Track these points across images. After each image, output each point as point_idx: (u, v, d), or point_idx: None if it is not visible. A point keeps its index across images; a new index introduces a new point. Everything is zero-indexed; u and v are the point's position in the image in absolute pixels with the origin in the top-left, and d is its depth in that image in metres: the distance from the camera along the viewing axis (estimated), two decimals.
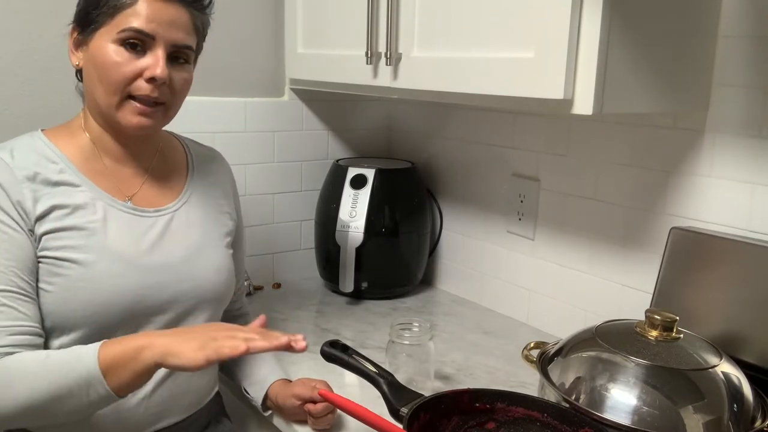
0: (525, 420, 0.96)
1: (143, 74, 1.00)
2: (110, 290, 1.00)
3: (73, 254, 0.98)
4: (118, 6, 0.99)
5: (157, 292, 1.04)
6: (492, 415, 0.98)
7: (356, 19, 1.42)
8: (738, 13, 1.12)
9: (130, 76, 1.00)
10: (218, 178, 1.22)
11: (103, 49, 1.00)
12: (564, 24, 1.00)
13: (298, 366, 1.33)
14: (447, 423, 0.97)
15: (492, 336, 1.51)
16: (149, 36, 1.00)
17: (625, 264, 1.35)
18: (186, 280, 1.07)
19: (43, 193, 0.99)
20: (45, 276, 0.98)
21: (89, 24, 1.01)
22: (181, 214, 1.11)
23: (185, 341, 0.88)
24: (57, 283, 0.98)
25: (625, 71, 1.03)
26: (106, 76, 1.00)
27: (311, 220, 1.80)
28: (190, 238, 1.11)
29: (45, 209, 0.98)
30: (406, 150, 1.89)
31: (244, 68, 1.68)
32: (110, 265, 1.00)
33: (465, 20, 1.18)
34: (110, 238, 1.02)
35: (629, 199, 1.33)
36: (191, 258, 1.09)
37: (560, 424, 0.93)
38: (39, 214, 0.98)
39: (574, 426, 0.92)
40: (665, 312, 0.99)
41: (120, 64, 1.00)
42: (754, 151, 1.13)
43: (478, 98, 1.17)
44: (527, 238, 1.55)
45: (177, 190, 1.14)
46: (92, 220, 1.01)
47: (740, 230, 1.15)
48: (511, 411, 0.97)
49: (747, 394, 0.93)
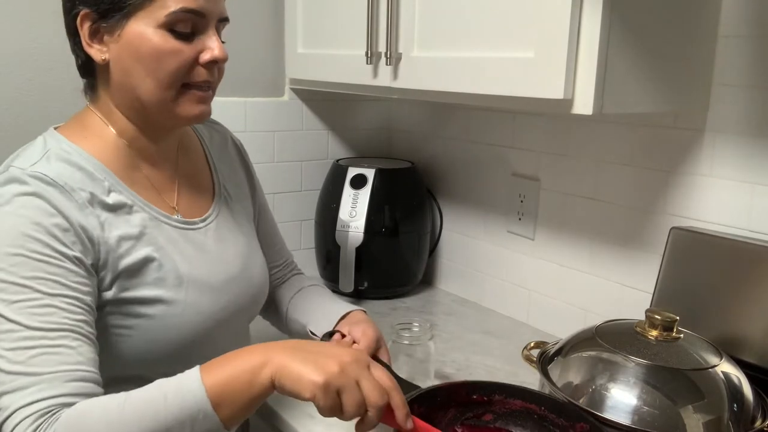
0: (522, 412, 0.96)
1: (200, 58, 0.89)
2: (195, 320, 0.90)
3: (154, 291, 0.88)
4: None
5: (232, 310, 0.98)
6: (489, 407, 0.97)
7: (356, 19, 1.42)
8: (738, 13, 1.12)
9: (188, 64, 0.88)
10: (233, 160, 1.14)
11: (146, 36, 0.86)
12: (564, 24, 1.00)
13: None
14: (443, 415, 0.95)
15: (492, 336, 1.51)
16: (200, 14, 0.87)
17: (625, 264, 1.35)
18: (247, 287, 1.01)
19: (104, 220, 0.86)
20: (120, 320, 0.86)
21: (118, 9, 0.86)
22: (222, 219, 1.02)
23: (305, 359, 0.75)
24: (138, 325, 0.87)
25: (625, 71, 1.03)
26: (159, 68, 0.87)
27: (311, 220, 1.80)
28: (238, 245, 1.03)
29: (114, 242, 0.86)
30: (406, 150, 1.89)
31: (244, 68, 1.68)
32: (188, 294, 0.91)
33: (465, 20, 1.18)
34: (179, 263, 0.91)
35: (629, 199, 1.33)
36: (246, 265, 1.03)
37: (557, 417, 0.93)
38: (110, 248, 0.85)
39: (572, 420, 0.92)
40: (665, 312, 0.99)
41: (175, 51, 0.87)
42: (754, 151, 1.13)
43: (479, 98, 1.17)
44: (527, 238, 1.55)
45: (209, 190, 1.04)
46: (158, 247, 0.90)
47: (740, 230, 1.15)
48: (508, 403, 0.97)
49: (747, 394, 0.93)
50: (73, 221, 0.83)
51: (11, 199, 0.81)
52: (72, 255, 0.81)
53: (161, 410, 0.73)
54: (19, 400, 0.74)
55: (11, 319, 0.77)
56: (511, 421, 0.96)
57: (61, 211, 0.82)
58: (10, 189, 0.82)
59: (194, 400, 0.74)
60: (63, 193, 0.83)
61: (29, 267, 0.78)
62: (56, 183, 0.83)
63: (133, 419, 0.73)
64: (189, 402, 0.74)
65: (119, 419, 0.73)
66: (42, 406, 0.74)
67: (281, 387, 0.75)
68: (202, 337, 0.92)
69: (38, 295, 0.78)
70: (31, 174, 0.83)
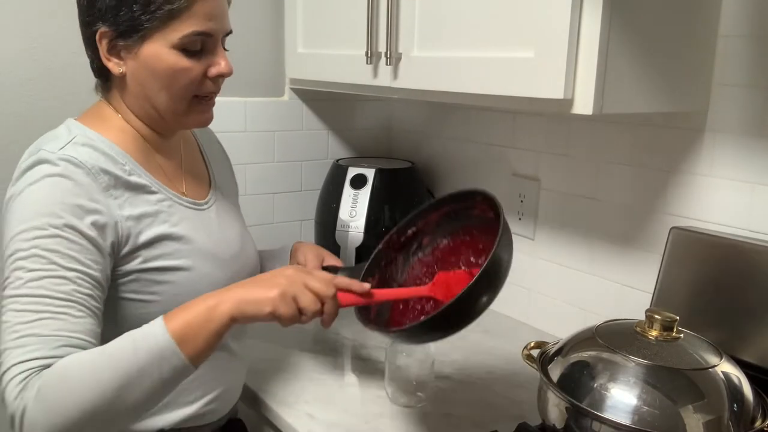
0: (442, 219, 1.06)
1: (209, 73, 0.99)
2: (209, 290, 0.96)
3: (174, 261, 0.97)
4: (174, 10, 0.94)
5: (239, 281, 1.04)
6: (421, 234, 1.07)
7: (356, 19, 1.42)
8: (738, 13, 1.12)
9: (198, 79, 0.99)
10: (221, 153, 1.24)
11: (162, 56, 0.96)
12: (564, 24, 1.00)
13: (300, 365, 1.33)
14: (395, 267, 1.07)
15: (492, 336, 1.51)
16: (209, 35, 0.97)
17: (625, 264, 1.35)
18: (245, 265, 1.11)
19: (125, 200, 0.95)
20: (146, 287, 0.95)
21: (135, 30, 0.94)
22: (219, 203, 1.13)
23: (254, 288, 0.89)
24: (163, 291, 0.96)
25: (625, 71, 1.03)
26: (173, 84, 0.97)
27: (311, 220, 1.80)
28: (236, 226, 1.13)
29: (134, 219, 0.94)
30: (406, 150, 1.89)
31: (244, 68, 1.68)
32: (204, 264, 1.01)
33: (465, 20, 1.18)
34: (193, 238, 1.01)
35: (629, 199, 1.33)
36: (243, 244, 1.13)
37: (464, 205, 1.02)
38: (130, 225, 0.94)
39: (470, 200, 1.01)
40: (665, 312, 0.99)
41: (187, 70, 0.97)
42: (754, 150, 1.13)
43: (478, 98, 1.17)
44: (527, 238, 1.55)
45: (206, 180, 1.14)
46: (174, 224, 0.99)
47: (740, 230, 1.15)
48: (429, 221, 1.06)
49: (747, 393, 0.93)
50: (95, 203, 0.91)
51: (41, 178, 0.89)
52: (89, 234, 0.89)
53: (131, 355, 0.83)
54: (15, 357, 0.82)
55: (28, 285, 0.85)
56: (440, 231, 1.07)
57: (86, 193, 0.90)
58: (42, 169, 0.90)
59: (160, 341, 0.84)
60: (89, 176, 0.91)
61: (50, 241, 0.86)
62: (84, 165, 0.91)
63: (107, 365, 0.82)
64: (154, 344, 0.84)
65: (93, 367, 0.82)
66: (30, 365, 0.82)
67: (242, 315, 0.87)
68: None
69: (54, 267, 0.86)
70: (60, 156, 0.91)
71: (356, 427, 1.11)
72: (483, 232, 1.02)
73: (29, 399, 0.81)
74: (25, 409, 0.81)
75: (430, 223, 1.07)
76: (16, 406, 0.81)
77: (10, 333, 0.84)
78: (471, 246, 1.04)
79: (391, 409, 1.17)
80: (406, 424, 1.12)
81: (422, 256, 1.09)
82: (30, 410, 0.81)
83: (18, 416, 0.81)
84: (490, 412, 1.17)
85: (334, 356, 1.38)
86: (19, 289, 0.85)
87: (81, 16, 0.99)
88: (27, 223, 0.87)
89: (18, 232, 0.87)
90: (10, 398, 0.82)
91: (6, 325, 0.84)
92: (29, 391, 0.81)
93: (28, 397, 0.81)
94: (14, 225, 0.88)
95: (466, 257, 1.04)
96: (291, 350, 1.39)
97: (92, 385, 0.81)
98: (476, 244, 1.04)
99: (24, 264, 0.86)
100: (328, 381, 1.27)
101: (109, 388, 0.81)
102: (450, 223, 1.06)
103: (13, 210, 0.90)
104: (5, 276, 0.87)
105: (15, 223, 0.88)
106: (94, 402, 0.81)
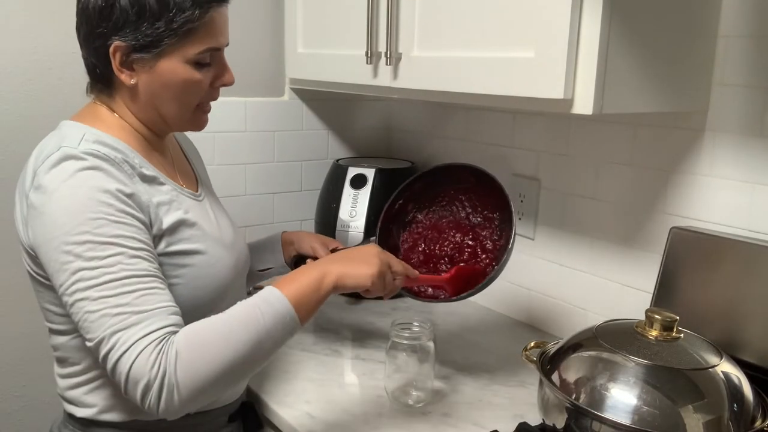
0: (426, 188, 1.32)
1: (214, 83, 1.05)
2: (223, 272, 1.06)
3: (192, 245, 1.02)
4: (194, 28, 0.97)
5: (240, 266, 1.12)
6: (408, 203, 1.34)
7: (356, 19, 1.42)
8: (738, 13, 1.12)
9: (206, 89, 1.04)
10: (196, 151, 1.28)
11: (178, 70, 0.99)
12: (564, 24, 1.00)
13: (300, 365, 1.33)
14: (395, 237, 1.33)
15: (492, 336, 1.51)
16: (218, 49, 1.03)
17: (625, 264, 1.35)
18: (241, 252, 1.15)
19: (144, 189, 0.98)
20: (170, 271, 0.99)
21: (155, 46, 0.97)
22: (208, 197, 1.16)
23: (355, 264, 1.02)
24: (185, 274, 1.00)
25: (625, 71, 1.03)
26: (185, 96, 1.02)
27: (311, 220, 1.80)
28: (225, 216, 1.18)
29: (154, 206, 0.98)
30: (406, 150, 1.89)
31: (244, 68, 1.68)
32: (215, 248, 1.05)
33: (465, 20, 1.18)
34: (203, 224, 1.06)
35: (629, 199, 1.33)
36: (236, 232, 1.17)
37: (448, 180, 1.31)
38: (155, 211, 0.98)
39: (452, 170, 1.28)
40: (665, 312, 0.99)
41: (199, 82, 1.01)
42: (754, 150, 1.13)
43: (478, 98, 1.17)
44: (527, 237, 1.55)
45: (191, 174, 1.17)
46: (186, 211, 1.03)
47: (740, 230, 1.15)
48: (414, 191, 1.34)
49: (747, 393, 0.94)
50: (129, 188, 0.94)
51: (74, 173, 0.91)
52: (138, 216, 0.94)
53: (260, 318, 0.91)
54: (135, 333, 0.86)
55: (108, 271, 0.88)
56: (424, 198, 1.34)
57: (119, 180, 0.93)
58: (71, 165, 0.92)
59: (282, 308, 0.93)
60: (114, 166, 0.94)
61: (111, 227, 0.90)
62: (108, 158, 0.94)
63: (240, 328, 0.90)
64: (278, 309, 0.93)
65: (229, 330, 0.90)
66: (157, 335, 0.87)
67: (344, 287, 1.00)
68: (227, 286, 1.07)
69: (124, 249, 0.90)
70: (84, 151, 0.93)
71: (356, 427, 1.11)
72: (466, 191, 1.30)
73: (169, 364, 0.86)
74: (165, 375, 0.85)
75: (414, 193, 1.29)
76: (154, 373, 0.85)
77: (111, 318, 0.87)
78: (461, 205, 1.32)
79: (391, 409, 1.17)
80: (406, 424, 1.12)
81: (416, 222, 1.34)
82: (172, 374, 0.86)
83: (157, 383, 0.85)
84: (490, 412, 1.17)
85: (334, 356, 1.38)
86: (99, 278, 0.88)
87: (88, 26, 0.98)
88: (78, 217, 0.89)
89: (71, 227, 0.89)
90: (144, 369, 0.85)
91: (99, 313, 0.87)
92: (167, 357, 0.86)
93: (167, 362, 0.86)
94: (61, 222, 0.89)
95: (457, 216, 1.32)
96: (291, 350, 1.39)
97: (231, 346, 0.89)
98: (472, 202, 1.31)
99: (95, 254, 0.88)
100: (328, 381, 1.27)
101: (243, 348, 0.89)
102: (433, 189, 1.29)
103: (51, 209, 0.90)
104: (71, 272, 0.88)
105: (62, 221, 0.89)
106: (233, 361, 0.89)
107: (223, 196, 1.54)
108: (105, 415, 1.03)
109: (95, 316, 0.87)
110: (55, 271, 0.90)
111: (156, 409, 0.86)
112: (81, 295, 0.87)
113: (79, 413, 1.04)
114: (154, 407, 0.86)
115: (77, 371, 1.03)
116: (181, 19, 0.96)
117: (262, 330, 0.91)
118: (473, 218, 1.30)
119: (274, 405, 1.18)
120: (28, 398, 1.55)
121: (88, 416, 1.03)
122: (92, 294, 0.87)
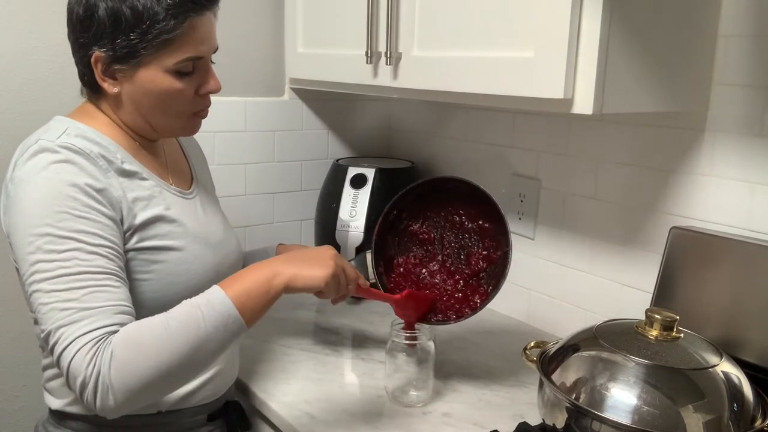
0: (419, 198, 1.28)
1: (199, 91, 1.04)
2: (201, 270, 1.05)
3: (168, 242, 1.02)
4: (170, 39, 0.97)
5: (225, 267, 1.11)
6: (402, 213, 1.29)
7: (356, 19, 1.42)
8: (738, 13, 1.12)
9: (190, 97, 1.03)
10: (200, 151, 1.28)
11: (157, 80, 0.99)
12: (564, 24, 1.00)
13: (300, 365, 1.33)
14: (390, 247, 1.30)
15: (492, 336, 1.51)
16: (200, 58, 1.02)
17: (625, 264, 1.35)
18: (230, 252, 1.15)
19: (120, 183, 0.98)
20: (142, 266, 0.99)
21: (132, 56, 0.97)
22: (201, 195, 1.16)
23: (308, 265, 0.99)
24: (157, 270, 1.00)
25: (625, 71, 1.03)
26: (169, 106, 1.02)
27: (311, 219, 1.80)
28: (218, 216, 1.18)
29: (130, 201, 0.98)
30: (406, 150, 1.89)
31: (244, 68, 1.68)
32: (195, 246, 1.05)
33: (465, 20, 1.18)
34: (185, 221, 1.05)
35: (629, 199, 1.33)
36: (226, 232, 1.17)
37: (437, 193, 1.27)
38: (128, 206, 0.98)
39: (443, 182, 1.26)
40: (665, 311, 0.99)
41: (180, 91, 1.01)
42: (754, 150, 1.13)
43: (478, 98, 1.17)
44: (527, 237, 1.55)
45: (188, 173, 1.18)
46: (166, 207, 1.03)
47: (740, 230, 1.15)
48: (407, 201, 1.28)
49: (747, 393, 0.94)
50: (100, 183, 0.95)
51: (48, 165, 0.93)
52: (105, 211, 0.94)
53: (200, 321, 0.90)
54: (77, 330, 0.87)
55: (63, 265, 0.89)
56: (417, 207, 1.29)
57: (91, 174, 0.94)
58: (45, 157, 0.93)
59: (223, 308, 0.92)
60: (88, 160, 0.95)
61: (73, 222, 0.91)
62: (82, 152, 0.95)
63: (179, 331, 0.89)
64: (220, 311, 0.91)
65: (167, 333, 0.88)
66: (97, 334, 0.87)
67: (295, 288, 0.97)
68: (207, 285, 1.04)
69: (82, 245, 0.90)
70: (60, 144, 0.94)
71: (356, 427, 1.11)
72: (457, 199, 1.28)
73: (104, 364, 0.86)
74: (99, 374, 0.85)
75: (408, 203, 1.27)
76: (89, 372, 0.85)
77: (58, 312, 0.87)
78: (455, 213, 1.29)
79: (391, 409, 1.17)
80: (406, 424, 1.12)
81: (410, 230, 1.31)
82: (105, 374, 0.85)
83: (92, 382, 0.86)
84: (490, 412, 1.17)
85: (334, 356, 1.38)
86: (53, 271, 0.88)
87: (74, 35, 1.00)
88: (44, 210, 0.90)
89: (36, 219, 0.90)
90: (80, 368, 0.86)
91: (49, 306, 0.88)
92: (102, 356, 0.86)
93: (102, 362, 0.86)
94: (29, 213, 0.91)
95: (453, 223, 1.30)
96: (291, 350, 1.39)
97: (167, 348, 0.88)
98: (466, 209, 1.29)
99: (53, 247, 0.89)
100: (327, 381, 1.27)
101: (181, 350, 0.88)
102: (425, 200, 1.27)
103: (21, 198, 0.92)
104: (30, 263, 0.89)
105: (30, 211, 0.91)
106: (170, 363, 0.88)
107: (223, 195, 1.55)
108: (73, 407, 1.04)
109: (46, 308, 0.88)
110: (19, 260, 0.92)
111: (94, 407, 0.87)
112: (36, 287, 0.89)
113: (54, 404, 1.06)
114: (92, 405, 0.87)
115: (51, 362, 1.04)
116: (156, 30, 0.95)
117: (202, 333, 0.90)
118: (468, 224, 1.28)
119: (274, 405, 1.18)
120: (28, 398, 1.55)
121: (59, 408, 1.05)
122: (45, 286, 0.88)
